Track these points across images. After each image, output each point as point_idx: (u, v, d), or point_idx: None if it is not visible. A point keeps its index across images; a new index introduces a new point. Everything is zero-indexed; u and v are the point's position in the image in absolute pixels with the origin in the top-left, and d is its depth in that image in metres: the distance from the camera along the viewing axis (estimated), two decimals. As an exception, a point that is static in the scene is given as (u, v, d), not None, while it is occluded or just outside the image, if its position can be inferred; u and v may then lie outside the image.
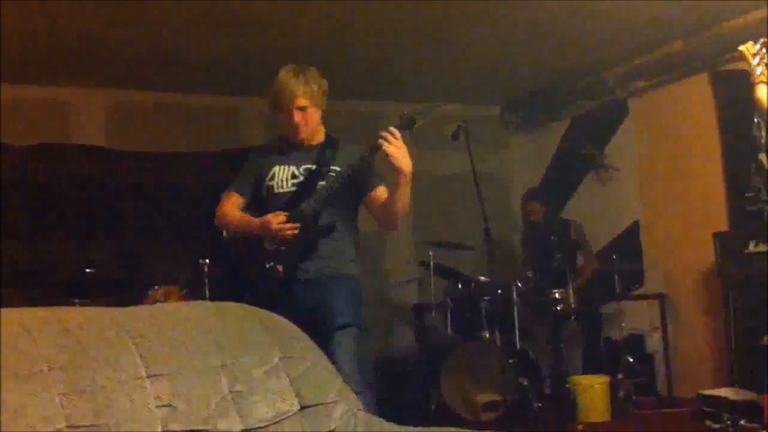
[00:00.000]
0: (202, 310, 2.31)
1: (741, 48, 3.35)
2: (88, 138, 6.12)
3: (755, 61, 3.28)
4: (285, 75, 3.39)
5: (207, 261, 4.65)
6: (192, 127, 6.44)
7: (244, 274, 3.57)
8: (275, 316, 2.42)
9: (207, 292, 4.61)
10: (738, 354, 4.99)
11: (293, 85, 3.36)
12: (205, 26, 4.94)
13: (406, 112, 3.30)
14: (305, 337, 2.43)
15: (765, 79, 3.25)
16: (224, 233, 3.86)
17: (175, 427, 1.85)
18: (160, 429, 1.82)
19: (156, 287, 4.75)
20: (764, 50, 3.27)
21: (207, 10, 4.65)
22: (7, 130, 5.80)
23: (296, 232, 3.37)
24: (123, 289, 5.16)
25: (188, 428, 1.87)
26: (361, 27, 5.11)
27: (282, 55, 5.36)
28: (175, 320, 2.12)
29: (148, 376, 1.88)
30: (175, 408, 1.88)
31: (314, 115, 3.47)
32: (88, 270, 4.96)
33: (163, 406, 1.86)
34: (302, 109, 3.41)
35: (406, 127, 3.26)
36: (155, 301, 4.55)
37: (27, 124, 5.92)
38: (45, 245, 5.81)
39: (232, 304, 2.41)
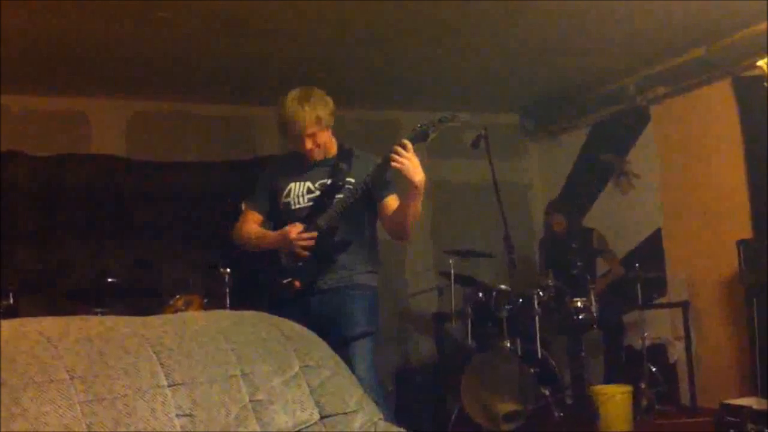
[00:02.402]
0: (222, 318, 2.31)
1: (760, 63, 3.32)
2: (108, 148, 6.17)
3: None
4: (291, 104, 3.39)
5: (227, 270, 4.67)
6: (209, 136, 6.48)
7: (262, 286, 3.59)
8: (295, 324, 2.42)
9: (228, 301, 4.62)
10: (762, 363, 4.92)
11: (300, 114, 3.37)
12: (222, 36, 4.96)
13: (419, 124, 3.29)
14: (325, 346, 2.42)
15: None
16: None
17: (195, 436, 1.84)
18: (180, 438, 1.82)
19: (177, 296, 4.77)
20: None
21: (224, 19, 4.67)
22: (28, 141, 5.87)
23: (313, 243, 3.39)
24: (143, 297, 5.18)
25: (208, 437, 1.87)
26: (377, 36, 5.11)
27: (299, 64, 5.43)
28: (195, 329, 2.12)
29: (169, 385, 1.88)
30: (195, 417, 1.87)
31: (324, 136, 3.48)
32: (109, 279, 4.99)
33: (183, 415, 1.85)
34: (311, 135, 3.42)
35: (420, 139, 3.25)
36: (176, 310, 4.57)
37: (48, 135, 5.98)
38: (64, 254, 5.86)
39: (252, 313, 2.41)
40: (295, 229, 3.41)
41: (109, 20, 4.58)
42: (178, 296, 4.75)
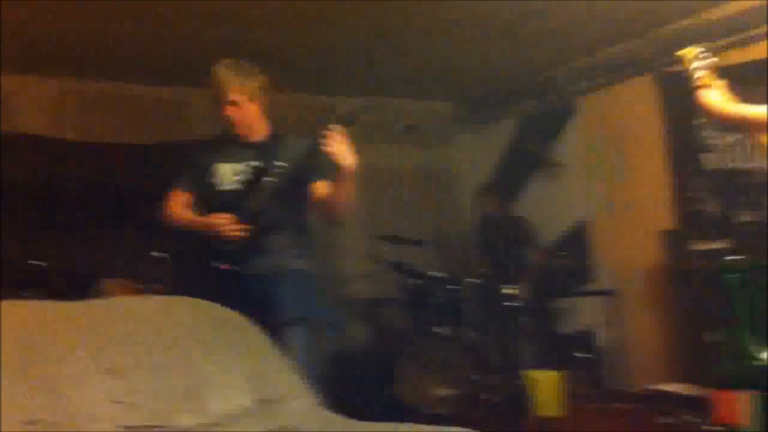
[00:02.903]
0: (157, 304, 2.30)
1: (680, 53, 3.36)
2: (31, 128, 5.98)
3: (695, 65, 3.28)
4: (219, 69, 3.34)
5: (165, 254, 4.60)
6: (141, 118, 6.35)
7: (195, 271, 3.54)
8: (229, 310, 2.42)
9: (165, 286, 4.56)
10: (685, 349, 5.08)
11: (225, 79, 3.32)
12: (155, 17, 4.87)
13: (347, 109, 3.29)
14: (259, 331, 2.42)
15: (706, 83, 3.26)
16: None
17: (131, 422, 1.83)
18: (115, 425, 1.80)
19: (109, 280, 4.69)
20: (704, 54, 3.29)
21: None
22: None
23: (239, 232, 3.35)
24: (74, 282, 5.07)
25: (144, 424, 1.85)
26: (315, 21, 5.09)
27: (233, 46, 5.33)
28: (128, 315, 2.10)
29: (103, 372, 1.86)
30: (131, 403, 1.86)
31: (250, 109, 3.41)
32: (35, 262, 4.87)
33: (119, 401, 1.84)
34: (234, 103, 3.36)
35: (347, 124, 3.24)
36: (107, 295, 4.49)
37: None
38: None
39: (185, 298, 2.40)
40: (220, 220, 3.36)
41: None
42: (109, 280, 4.68)
